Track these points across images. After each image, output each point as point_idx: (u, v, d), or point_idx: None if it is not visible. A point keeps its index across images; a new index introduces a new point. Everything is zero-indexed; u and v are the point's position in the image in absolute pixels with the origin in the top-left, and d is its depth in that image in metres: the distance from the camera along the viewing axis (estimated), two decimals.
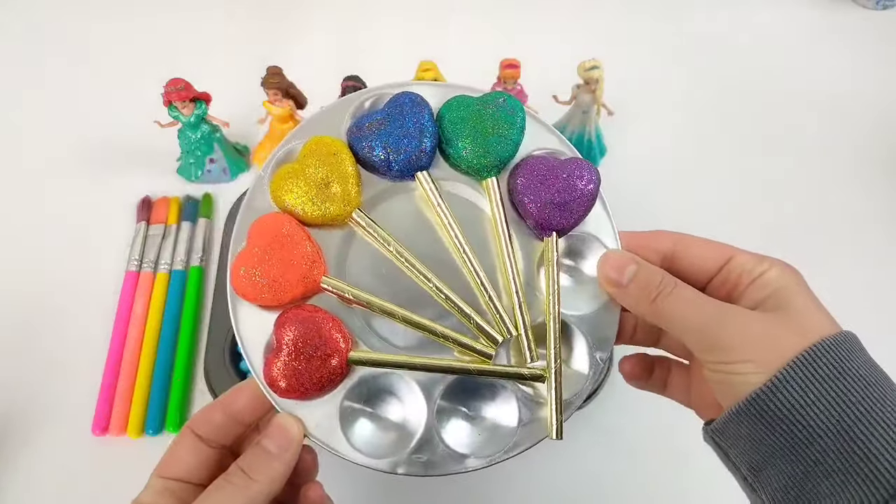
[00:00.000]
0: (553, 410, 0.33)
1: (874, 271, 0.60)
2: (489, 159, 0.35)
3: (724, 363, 0.29)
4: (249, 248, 0.33)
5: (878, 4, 0.79)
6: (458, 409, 0.34)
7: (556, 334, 0.33)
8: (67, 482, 0.50)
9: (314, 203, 0.34)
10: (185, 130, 0.60)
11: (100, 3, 0.79)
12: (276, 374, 0.31)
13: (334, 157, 0.34)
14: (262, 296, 0.33)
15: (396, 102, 0.35)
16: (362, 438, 0.33)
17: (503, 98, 0.35)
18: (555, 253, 0.34)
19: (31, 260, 0.60)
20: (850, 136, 0.69)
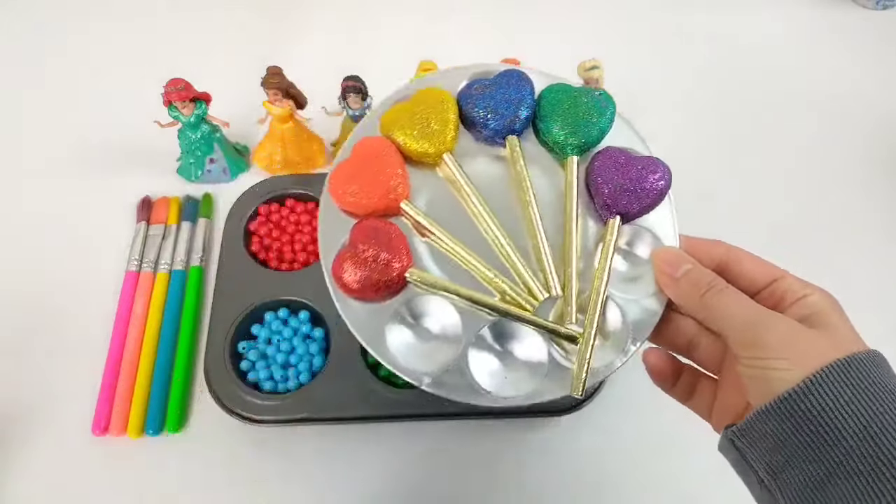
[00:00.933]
0: (580, 369, 0.35)
1: (874, 271, 0.60)
2: (575, 139, 0.38)
3: (763, 359, 0.30)
4: (351, 158, 0.38)
5: (878, 4, 0.79)
6: (492, 348, 0.36)
7: (598, 304, 0.36)
8: (68, 482, 0.50)
9: (414, 138, 0.38)
10: (185, 130, 0.60)
11: (100, 3, 0.79)
12: (342, 268, 0.35)
13: (441, 105, 0.38)
14: (348, 199, 0.37)
15: (506, 74, 0.40)
16: (400, 348, 0.36)
17: (599, 93, 0.40)
18: (615, 234, 0.37)
19: (31, 260, 0.60)
20: (850, 136, 0.69)
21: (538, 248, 0.37)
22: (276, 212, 0.60)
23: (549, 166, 0.40)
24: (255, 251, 0.58)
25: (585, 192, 0.39)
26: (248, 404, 0.50)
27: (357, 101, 0.58)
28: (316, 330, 0.54)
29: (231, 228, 0.59)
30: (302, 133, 0.62)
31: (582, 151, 0.39)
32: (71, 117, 0.70)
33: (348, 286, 0.36)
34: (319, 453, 0.51)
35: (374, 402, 0.50)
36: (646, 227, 0.38)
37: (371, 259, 0.35)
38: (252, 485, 0.50)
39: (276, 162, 0.63)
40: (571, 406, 0.51)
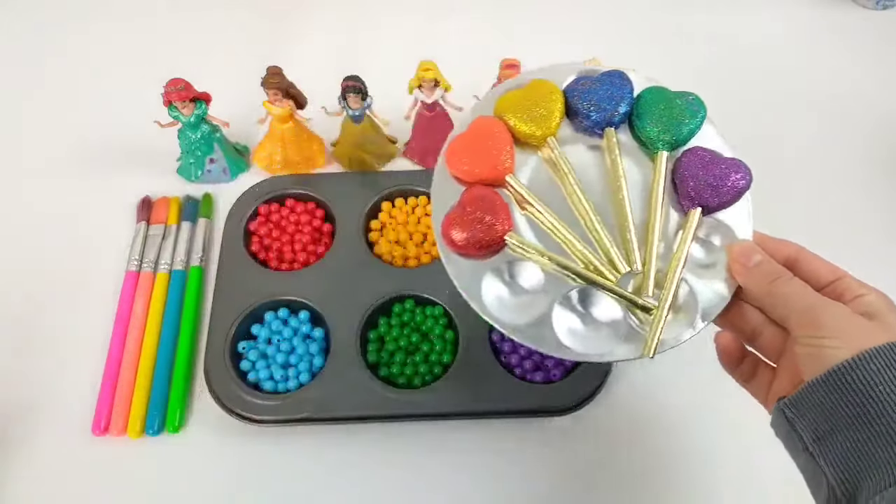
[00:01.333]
0: (652, 335, 0.39)
1: (873, 271, 0.59)
2: (667, 136, 0.43)
3: (818, 337, 0.34)
4: (467, 133, 0.43)
5: (878, 4, 0.79)
6: (575, 310, 0.40)
7: (674, 282, 0.40)
8: (68, 482, 0.50)
9: (523, 121, 0.43)
10: (185, 130, 0.60)
11: (100, 3, 0.79)
12: (450, 225, 0.40)
13: (550, 95, 0.44)
14: (460, 168, 0.42)
15: (610, 74, 0.45)
16: (493, 300, 0.40)
17: (693, 97, 0.44)
18: (695, 223, 0.41)
19: (31, 260, 0.60)
20: (850, 136, 0.69)
21: (624, 228, 0.41)
22: (276, 212, 0.60)
23: (639, 158, 0.44)
24: (255, 251, 0.58)
25: (670, 185, 0.43)
26: (248, 404, 0.50)
27: (357, 100, 0.58)
28: (316, 330, 0.54)
29: (231, 228, 0.59)
30: (302, 133, 0.62)
31: (672, 148, 0.43)
32: (71, 117, 0.70)
33: (455, 243, 0.40)
34: (319, 453, 0.51)
35: (373, 402, 0.51)
36: (723, 220, 0.42)
37: (477, 220, 0.40)
38: (252, 484, 0.50)
39: (276, 162, 0.63)
40: (571, 406, 0.51)
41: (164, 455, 0.51)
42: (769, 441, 0.52)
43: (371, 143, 0.62)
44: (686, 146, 0.43)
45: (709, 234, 0.42)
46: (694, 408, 0.54)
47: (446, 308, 0.54)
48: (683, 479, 0.51)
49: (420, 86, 0.58)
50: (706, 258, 0.41)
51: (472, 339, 0.53)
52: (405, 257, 0.58)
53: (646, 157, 0.44)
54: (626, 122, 0.45)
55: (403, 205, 0.61)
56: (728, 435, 0.53)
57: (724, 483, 0.51)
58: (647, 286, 0.40)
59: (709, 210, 0.42)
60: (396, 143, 0.66)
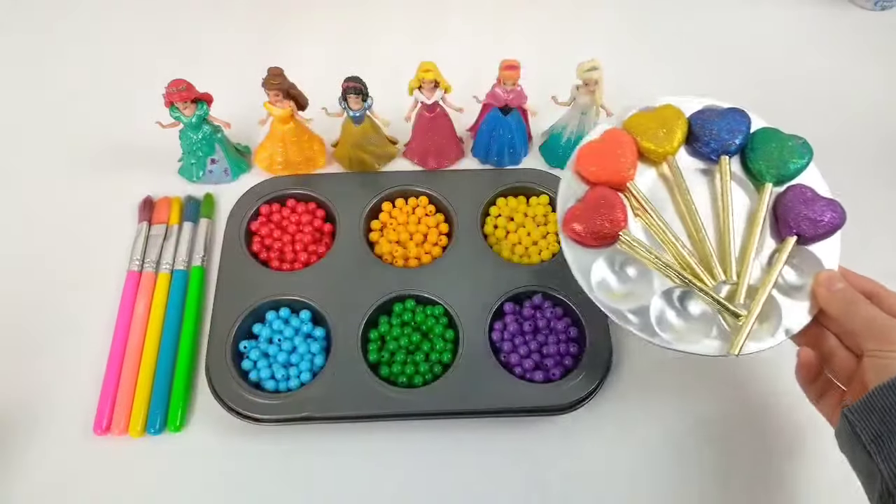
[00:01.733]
0: (739, 336, 0.45)
1: (872, 271, 0.60)
2: (775, 171, 0.49)
3: (886, 350, 0.39)
4: (599, 141, 0.50)
5: (877, 5, 0.79)
6: (672, 305, 0.47)
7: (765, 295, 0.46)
8: (69, 482, 0.50)
9: (649, 139, 0.50)
10: (186, 131, 0.60)
11: (101, 3, 0.79)
12: (573, 218, 0.47)
13: (675, 120, 0.51)
14: (588, 168, 0.49)
15: (732, 110, 0.52)
16: (602, 287, 0.47)
17: (802, 140, 0.50)
18: (789, 248, 0.47)
19: (33, 260, 0.60)
20: (849, 136, 0.69)
21: (725, 243, 0.47)
22: (277, 212, 0.61)
23: (745, 186, 0.50)
24: (257, 251, 0.58)
25: (771, 214, 0.49)
26: (249, 403, 0.51)
27: (357, 101, 0.58)
28: (317, 329, 0.55)
29: (232, 228, 0.59)
30: (303, 134, 0.62)
31: (777, 182, 0.49)
32: (73, 117, 0.70)
33: (575, 232, 0.47)
34: (320, 452, 0.52)
35: (374, 402, 0.51)
36: (813, 251, 0.48)
37: (597, 215, 0.47)
38: (254, 483, 0.50)
39: (278, 163, 0.63)
40: (571, 405, 0.51)
41: (165, 454, 0.51)
42: (769, 440, 0.53)
43: (371, 143, 0.62)
44: (790, 182, 0.50)
45: (800, 261, 0.48)
46: (694, 407, 0.54)
47: (447, 308, 0.55)
48: (684, 477, 0.51)
49: (420, 87, 0.58)
50: (795, 281, 0.48)
51: (472, 338, 0.53)
52: (406, 257, 0.59)
53: (751, 187, 0.50)
54: (739, 153, 0.51)
55: (404, 205, 0.62)
56: (729, 434, 0.53)
57: (725, 481, 0.51)
58: (739, 295, 0.46)
59: (803, 240, 0.47)
60: (397, 144, 0.66)
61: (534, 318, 0.55)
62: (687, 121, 0.51)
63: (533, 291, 0.56)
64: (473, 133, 0.66)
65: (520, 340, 0.54)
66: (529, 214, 0.61)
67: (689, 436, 0.53)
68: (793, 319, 0.46)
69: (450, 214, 0.60)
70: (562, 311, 0.55)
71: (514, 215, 0.61)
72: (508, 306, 0.55)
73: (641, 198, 0.49)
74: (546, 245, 0.59)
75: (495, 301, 0.55)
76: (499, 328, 0.54)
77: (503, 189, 0.62)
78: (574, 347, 0.54)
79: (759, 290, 0.46)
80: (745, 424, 0.53)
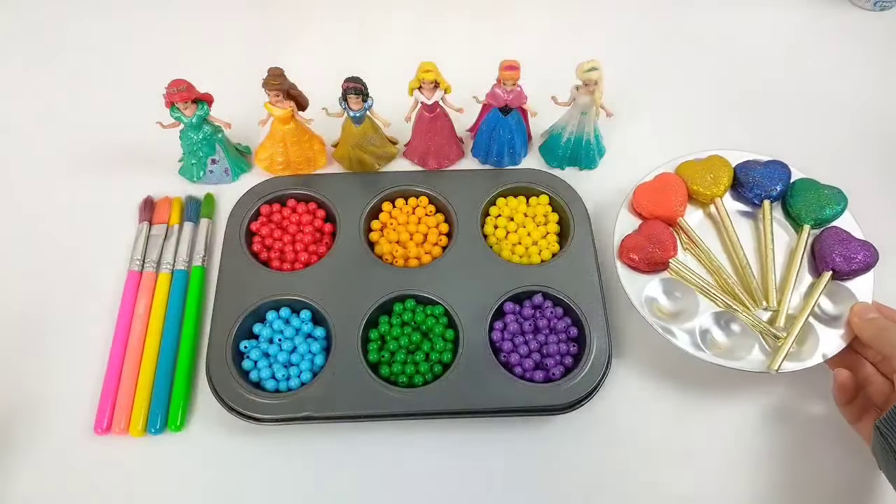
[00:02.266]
0: (778, 356, 0.50)
1: (872, 271, 0.60)
2: (813, 215, 0.56)
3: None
4: (654, 181, 0.59)
5: (876, 6, 0.79)
6: (718, 325, 0.53)
7: (803, 320, 0.52)
8: (70, 481, 0.50)
9: (698, 183, 0.59)
10: (186, 131, 0.60)
11: (101, 3, 0.80)
12: (629, 248, 0.55)
13: (723, 168, 0.59)
14: (645, 205, 0.57)
15: (774, 161, 0.59)
16: (656, 311, 0.54)
17: (837, 190, 0.57)
18: (825, 281, 0.54)
19: (33, 260, 0.60)
20: (849, 136, 0.70)
21: (767, 273, 0.55)
22: (277, 212, 0.61)
23: (785, 228, 0.58)
24: (257, 251, 0.58)
25: (809, 252, 0.56)
26: (249, 403, 0.51)
27: (357, 101, 0.58)
28: (317, 329, 0.55)
29: (233, 228, 0.59)
30: (303, 134, 0.62)
31: (815, 224, 0.56)
32: (73, 118, 0.70)
33: (630, 259, 0.54)
34: (321, 452, 0.52)
35: (375, 401, 0.51)
36: (849, 287, 0.54)
37: (650, 245, 0.54)
38: (254, 483, 0.50)
39: (278, 163, 0.63)
40: (572, 404, 0.51)
41: (166, 454, 0.51)
42: (769, 440, 0.53)
43: (371, 143, 0.63)
44: (827, 225, 0.56)
45: (836, 295, 0.54)
46: (693, 406, 0.54)
47: (447, 307, 0.55)
48: (684, 476, 0.51)
49: (420, 87, 0.58)
50: (832, 311, 0.53)
51: (472, 338, 0.53)
52: (406, 257, 0.59)
53: (791, 229, 0.58)
54: (779, 199, 0.59)
55: (404, 205, 0.62)
56: (728, 433, 0.53)
57: (725, 481, 0.51)
58: (779, 320, 0.52)
59: (838, 276, 0.54)
60: (397, 144, 0.66)
61: (534, 317, 0.55)
62: (733, 169, 0.59)
63: (533, 291, 0.56)
64: (473, 133, 0.66)
65: (520, 340, 0.54)
66: (529, 214, 0.61)
67: (689, 434, 0.53)
68: (829, 345, 0.51)
69: (450, 214, 0.61)
70: (562, 310, 0.55)
71: (515, 215, 0.61)
72: (509, 306, 0.55)
73: (691, 231, 0.56)
74: (546, 245, 0.59)
75: (495, 301, 0.55)
76: (499, 328, 0.54)
77: (503, 189, 0.62)
78: (574, 347, 0.54)
79: (798, 316, 0.52)
80: (744, 424, 0.53)
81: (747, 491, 0.51)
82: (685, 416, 0.54)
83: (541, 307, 0.55)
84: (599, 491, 0.51)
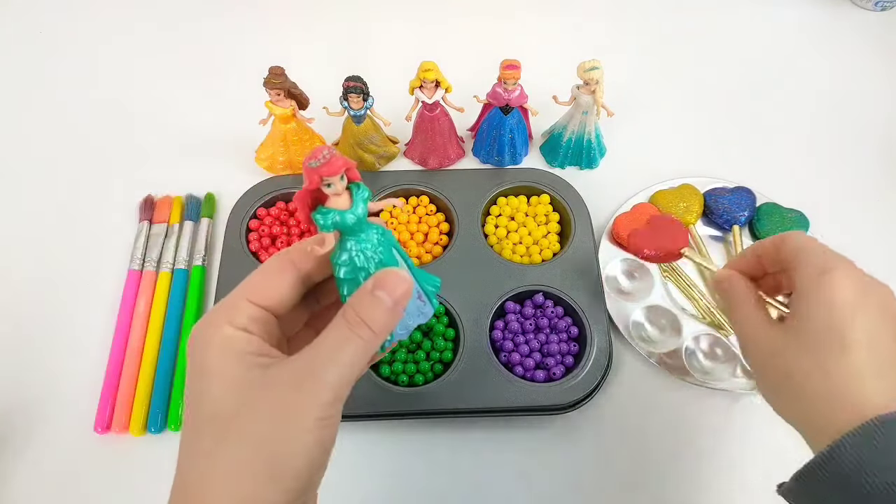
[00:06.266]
0: None
1: (872, 272, 0.60)
2: None
3: None
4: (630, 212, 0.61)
5: (877, 6, 0.79)
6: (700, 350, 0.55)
7: None
8: (70, 480, 0.50)
9: (671, 211, 0.61)
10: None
11: (100, 3, 0.80)
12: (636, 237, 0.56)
13: (692, 196, 0.62)
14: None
15: (740, 188, 0.62)
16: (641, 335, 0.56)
17: (800, 213, 0.61)
18: None
19: (33, 259, 0.60)
20: (850, 137, 0.70)
21: None
22: (278, 211, 0.61)
23: None
24: (257, 250, 0.58)
25: None
26: None
27: (358, 101, 0.58)
28: None
29: (233, 228, 0.59)
30: (304, 133, 0.62)
31: None
32: (72, 116, 0.70)
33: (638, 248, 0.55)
34: None
35: (375, 400, 0.51)
36: None
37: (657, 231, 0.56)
38: None
39: (279, 163, 0.63)
40: (573, 404, 0.51)
41: (166, 453, 0.51)
42: (768, 439, 0.53)
43: (372, 143, 0.62)
44: None
45: None
46: (693, 406, 0.54)
47: (448, 306, 0.55)
48: (685, 475, 0.51)
49: (421, 86, 0.58)
50: None
51: (473, 337, 0.53)
52: None
53: None
54: (747, 224, 0.61)
55: (405, 204, 0.62)
56: (729, 433, 0.53)
57: (725, 481, 0.51)
58: None
59: None
60: (397, 144, 0.66)
61: (535, 317, 0.55)
62: (703, 196, 0.62)
63: (534, 290, 0.56)
64: (474, 133, 0.66)
65: (521, 339, 0.54)
66: (530, 214, 0.61)
67: (689, 433, 0.53)
68: None
69: (450, 214, 0.60)
70: (563, 310, 0.55)
71: (515, 215, 0.61)
72: (510, 305, 0.55)
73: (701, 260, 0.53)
74: (547, 244, 0.59)
75: (496, 300, 0.55)
76: (500, 327, 0.54)
77: (504, 189, 0.62)
78: (575, 346, 0.54)
79: None
80: (746, 424, 0.53)
81: (748, 491, 0.51)
82: (686, 416, 0.54)
83: (542, 306, 0.55)
84: (600, 490, 0.50)
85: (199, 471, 0.28)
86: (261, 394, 0.28)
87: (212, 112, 0.69)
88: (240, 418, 0.27)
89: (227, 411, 0.27)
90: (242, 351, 0.29)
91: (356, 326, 0.29)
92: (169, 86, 0.72)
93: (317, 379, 0.28)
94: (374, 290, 0.30)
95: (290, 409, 0.27)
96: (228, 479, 0.27)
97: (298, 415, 0.27)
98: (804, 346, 0.34)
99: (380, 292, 0.30)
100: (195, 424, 0.28)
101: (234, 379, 0.28)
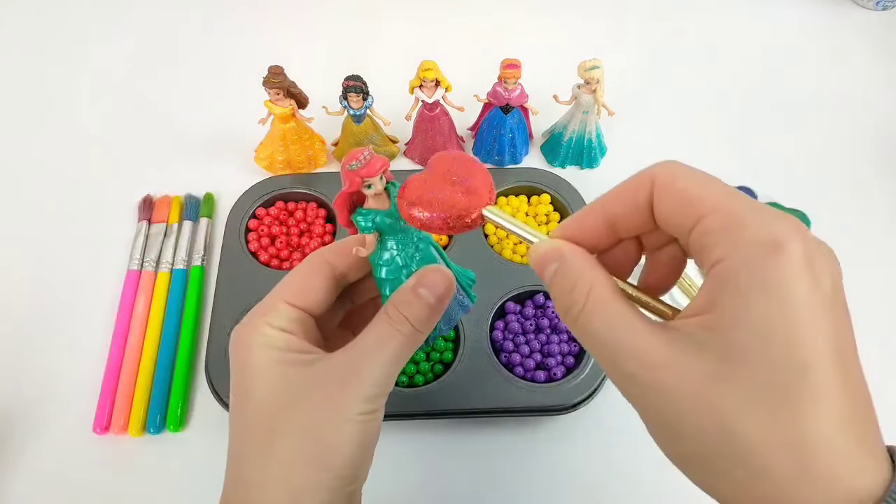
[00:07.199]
0: None
1: (872, 272, 0.60)
2: None
3: None
4: None
5: (878, 5, 0.79)
6: None
7: None
8: (69, 481, 0.50)
9: None
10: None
11: (98, 3, 0.79)
12: (410, 189, 0.29)
13: None
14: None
15: (742, 188, 0.57)
16: None
17: (801, 213, 0.58)
18: None
19: (32, 259, 0.60)
20: (850, 137, 0.69)
21: None
22: (277, 211, 0.61)
23: None
24: (256, 251, 0.58)
25: None
26: None
27: (358, 100, 0.58)
28: None
29: (232, 228, 0.59)
30: (304, 133, 0.62)
31: None
32: (72, 116, 0.70)
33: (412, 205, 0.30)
34: None
35: None
36: None
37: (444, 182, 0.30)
38: None
39: (279, 162, 0.63)
40: (573, 404, 0.51)
41: (165, 454, 0.51)
42: None
43: (372, 142, 0.62)
44: None
45: None
46: None
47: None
48: (685, 477, 0.51)
49: (421, 86, 0.58)
50: None
51: (473, 338, 0.53)
52: None
53: None
54: None
55: None
56: None
57: None
58: None
59: None
60: (397, 143, 0.66)
61: (535, 317, 0.55)
62: None
63: (535, 291, 0.56)
64: (474, 132, 0.66)
65: (521, 340, 0.53)
66: (531, 214, 0.61)
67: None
68: None
69: None
70: None
71: (516, 215, 0.61)
72: (510, 306, 0.55)
73: None
74: None
75: (497, 300, 0.55)
76: (500, 328, 0.54)
77: (504, 188, 0.62)
78: (576, 347, 0.54)
79: None
80: None
81: None
82: None
83: (542, 307, 0.55)
84: (601, 491, 0.50)
85: (255, 463, 0.29)
86: (306, 389, 0.29)
87: (211, 111, 0.69)
88: (288, 411, 0.29)
89: (275, 406, 0.29)
90: (284, 349, 0.30)
91: (399, 323, 0.30)
92: (168, 85, 0.72)
93: (361, 375, 0.29)
94: (417, 287, 0.31)
95: (336, 403, 0.29)
96: (284, 467, 0.28)
97: (344, 408, 0.29)
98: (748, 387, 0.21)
99: (423, 290, 0.30)
100: (245, 422, 0.30)
101: (278, 375, 0.29)
